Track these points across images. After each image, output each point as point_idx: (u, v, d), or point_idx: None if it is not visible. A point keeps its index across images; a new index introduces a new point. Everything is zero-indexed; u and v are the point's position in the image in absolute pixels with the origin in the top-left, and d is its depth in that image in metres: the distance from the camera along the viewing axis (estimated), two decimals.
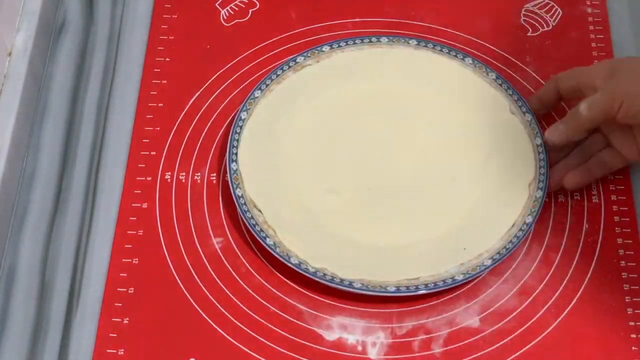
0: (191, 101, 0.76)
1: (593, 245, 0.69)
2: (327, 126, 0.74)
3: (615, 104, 0.65)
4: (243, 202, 0.68)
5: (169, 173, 0.72)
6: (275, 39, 0.79)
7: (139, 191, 0.72)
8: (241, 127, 0.72)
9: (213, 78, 0.77)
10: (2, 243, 0.69)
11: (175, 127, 0.75)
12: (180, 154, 0.73)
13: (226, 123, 0.75)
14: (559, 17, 0.81)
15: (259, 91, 0.74)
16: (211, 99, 0.76)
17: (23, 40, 0.75)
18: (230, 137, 0.71)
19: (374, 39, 0.76)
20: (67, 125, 0.75)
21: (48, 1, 0.79)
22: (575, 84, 0.69)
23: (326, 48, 0.76)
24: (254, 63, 0.78)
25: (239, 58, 0.78)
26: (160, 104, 0.76)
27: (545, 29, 0.80)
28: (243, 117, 0.72)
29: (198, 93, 0.76)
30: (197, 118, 0.75)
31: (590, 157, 0.70)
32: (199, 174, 0.72)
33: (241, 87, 0.76)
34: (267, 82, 0.74)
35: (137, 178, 0.72)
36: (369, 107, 0.75)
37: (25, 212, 0.71)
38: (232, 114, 0.75)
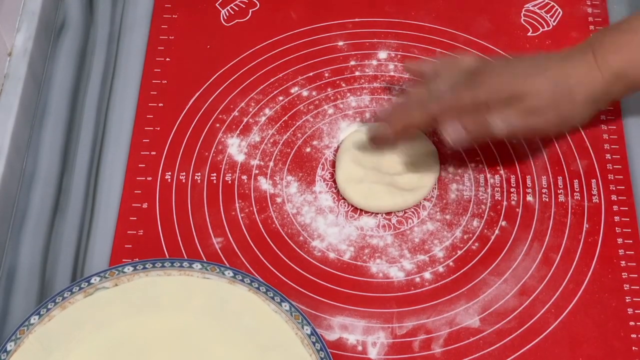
0: (191, 101, 0.76)
1: (593, 245, 0.69)
2: None
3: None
4: None
5: (169, 173, 0.72)
6: (275, 39, 0.79)
7: (139, 191, 0.71)
8: None
9: (213, 78, 0.77)
10: (2, 243, 0.69)
11: (175, 127, 0.75)
12: (180, 154, 0.73)
13: (227, 122, 0.75)
14: (559, 17, 0.81)
15: (37, 316, 0.62)
16: (211, 99, 0.76)
17: (23, 40, 0.75)
18: None
19: (185, 264, 0.65)
20: (67, 125, 0.75)
21: (48, 1, 0.79)
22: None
23: (128, 269, 0.65)
24: (254, 63, 0.78)
25: (239, 58, 0.78)
26: (160, 104, 0.76)
27: (545, 29, 0.80)
28: (9, 349, 0.60)
29: (198, 93, 0.76)
30: (197, 118, 0.75)
31: None
32: (199, 174, 0.72)
33: (241, 87, 0.76)
34: (49, 306, 0.62)
35: (137, 178, 0.72)
36: (161, 347, 0.63)
37: (25, 212, 0.71)
38: (233, 114, 0.75)
